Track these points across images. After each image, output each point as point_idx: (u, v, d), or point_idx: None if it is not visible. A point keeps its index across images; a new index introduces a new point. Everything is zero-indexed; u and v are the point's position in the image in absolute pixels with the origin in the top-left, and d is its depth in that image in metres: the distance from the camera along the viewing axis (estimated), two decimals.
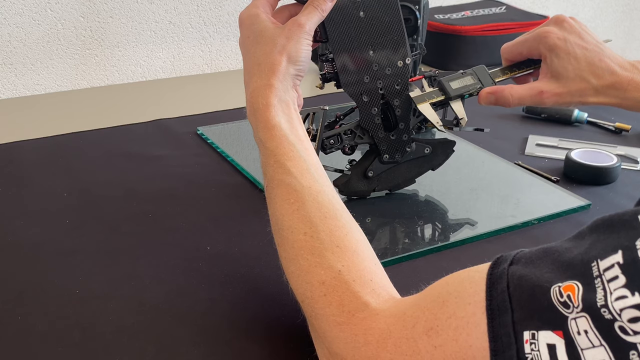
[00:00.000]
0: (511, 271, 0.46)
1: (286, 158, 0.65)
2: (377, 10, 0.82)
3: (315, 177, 0.65)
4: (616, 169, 0.97)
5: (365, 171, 0.86)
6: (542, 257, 0.46)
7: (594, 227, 0.46)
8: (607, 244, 0.43)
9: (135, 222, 0.85)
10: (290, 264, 0.60)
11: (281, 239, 0.62)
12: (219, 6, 1.45)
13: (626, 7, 2.13)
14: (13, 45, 1.28)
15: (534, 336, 0.43)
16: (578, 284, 0.42)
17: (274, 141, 0.67)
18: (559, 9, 1.98)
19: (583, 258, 0.43)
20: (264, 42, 0.71)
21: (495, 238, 0.84)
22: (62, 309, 0.69)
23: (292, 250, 0.60)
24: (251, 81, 0.70)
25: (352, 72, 0.82)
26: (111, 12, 1.35)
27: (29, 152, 1.05)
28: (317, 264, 0.57)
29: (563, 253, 0.45)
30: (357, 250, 0.59)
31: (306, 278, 0.58)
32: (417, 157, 0.89)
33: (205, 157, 1.04)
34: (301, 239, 0.60)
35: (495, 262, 0.49)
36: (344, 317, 0.53)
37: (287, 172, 0.64)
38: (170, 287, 0.73)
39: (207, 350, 0.64)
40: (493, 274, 0.47)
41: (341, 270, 0.56)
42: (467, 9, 1.58)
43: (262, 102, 0.68)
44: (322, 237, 0.59)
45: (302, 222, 0.61)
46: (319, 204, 0.62)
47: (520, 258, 0.47)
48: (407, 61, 0.85)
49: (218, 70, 1.50)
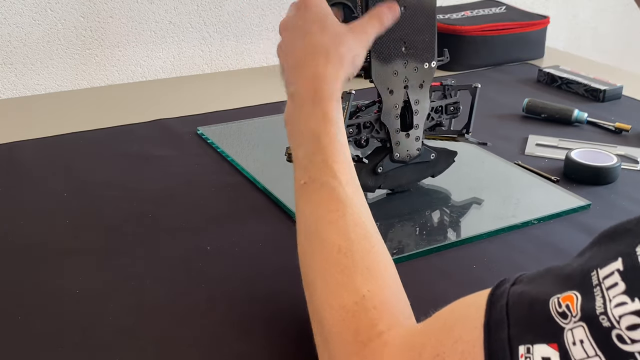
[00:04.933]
0: (512, 290, 0.46)
1: (334, 160, 0.62)
2: (416, 8, 0.83)
3: (357, 190, 0.63)
4: (616, 169, 0.97)
5: (375, 167, 0.86)
6: (543, 275, 0.46)
7: (595, 241, 0.45)
8: (607, 253, 0.42)
9: (135, 222, 0.85)
10: (316, 278, 0.58)
11: (310, 247, 0.59)
12: (219, 6, 1.45)
13: (626, 7, 2.12)
14: (13, 45, 1.28)
15: (528, 350, 0.42)
16: (577, 294, 0.41)
17: (327, 137, 0.63)
18: (559, 9, 1.97)
19: (583, 269, 0.43)
20: (331, 33, 0.69)
21: (495, 238, 0.84)
22: (62, 309, 0.69)
23: (321, 263, 0.58)
24: (317, 65, 0.67)
25: (384, 65, 0.83)
26: (111, 12, 1.35)
27: (29, 152, 1.05)
28: (343, 285, 0.55)
29: (564, 268, 0.45)
30: (385, 275, 0.57)
31: (328, 298, 0.56)
32: (422, 161, 0.90)
33: (205, 157, 1.04)
34: (334, 255, 0.57)
35: (497, 284, 0.48)
36: (356, 347, 0.52)
37: (334, 176, 0.61)
38: (170, 287, 0.73)
39: (207, 350, 0.64)
40: (494, 294, 0.47)
41: (365, 295, 0.54)
42: (467, 9, 1.58)
43: (328, 92, 0.65)
44: (355, 257, 0.57)
45: (339, 236, 0.58)
46: (358, 220, 0.60)
47: (523, 279, 0.47)
48: (433, 64, 0.86)
49: (218, 70, 1.50)
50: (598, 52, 2.10)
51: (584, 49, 2.08)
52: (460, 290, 0.74)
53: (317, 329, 0.57)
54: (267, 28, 1.52)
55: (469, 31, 1.45)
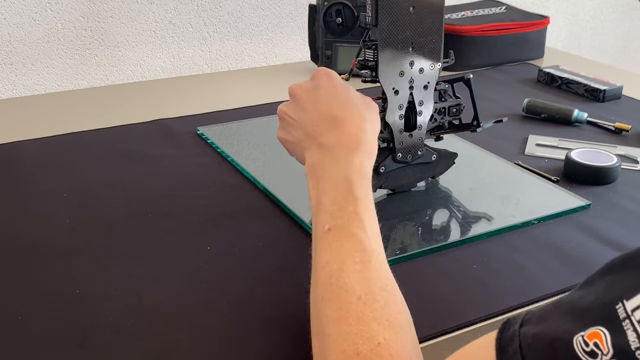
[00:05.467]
0: (522, 332, 0.44)
1: (366, 214, 0.64)
2: (425, 9, 0.83)
3: (380, 243, 0.63)
4: (616, 169, 0.97)
5: (377, 166, 0.87)
6: (553, 312, 0.44)
7: (606, 269, 0.44)
8: (630, 284, 0.40)
9: (135, 222, 0.85)
10: (330, 326, 0.56)
11: (330, 294, 0.58)
12: (219, 6, 1.45)
13: (626, 7, 2.12)
14: (13, 45, 1.28)
15: None
16: (603, 330, 0.40)
17: (362, 190, 0.65)
18: (559, 9, 1.98)
19: (603, 301, 0.41)
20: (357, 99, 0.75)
21: (495, 238, 0.84)
22: (62, 309, 0.69)
23: (339, 311, 0.56)
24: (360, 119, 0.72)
25: (392, 64, 0.83)
26: (111, 12, 1.35)
27: (29, 152, 1.05)
28: (359, 332, 0.54)
29: (576, 302, 0.43)
30: (403, 328, 0.56)
31: (342, 345, 0.54)
32: (423, 163, 0.90)
33: (205, 157, 1.04)
34: (354, 302, 0.56)
35: (503, 326, 0.46)
36: None
37: (363, 228, 0.62)
38: (170, 287, 0.73)
39: (207, 350, 0.64)
40: (503, 338, 0.45)
41: (381, 342, 0.53)
42: (467, 9, 1.58)
43: (368, 148, 0.69)
44: (375, 306, 0.56)
45: (361, 286, 0.57)
46: (382, 273, 0.59)
47: (531, 318, 0.45)
48: (439, 65, 0.86)
49: (218, 70, 1.50)
50: (598, 52, 2.11)
51: (584, 49, 2.08)
52: (460, 290, 0.74)
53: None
54: (267, 28, 1.52)
55: (469, 31, 1.46)
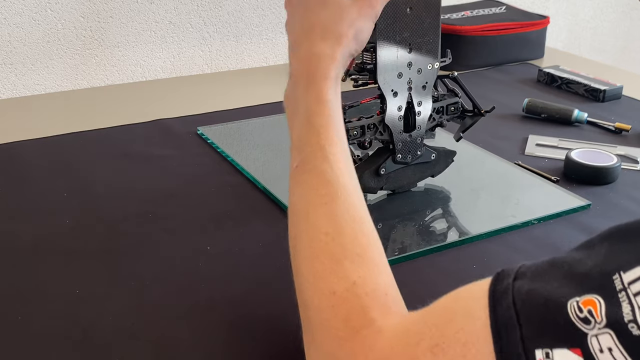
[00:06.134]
0: (516, 286, 0.44)
1: (328, 142, 0.60)
2: (422, 9, 0.84)
3: (350, 173, 0.60)
4: (616, 169, 0.97)
5: (377, 168, 0.87)
6: (549, 271, 0.44)
7: (607, 236, 0.43)
8: (629, 256, 0.40)
9: (135, 222, 0.85)
10: (303, 264, 0.56)
11: (299, 232, 0.57)
12: (219, 6, 1.45)
13: (626, 7, 2.12)
14: (13, 45, 1.28)
15: (548, 355, 0.40)
16: (599, 298, 0.40)
17: (322, 118, 0.61)
18: (559, 9, 1.97)
19: (602, 270, 0.41)
20: (332, 8, 0.67)
21: (495, 238, 0.84)
22: (62, 309, 0.69)
23: (309, 249, 0.55)
24: (312, 43, 0.65)
25: (390, 66, 0.83)
26: (111, 12, 1.35)
27: (29, 152, 1.05)
28: (332, 271, 0.53)
29: (574, 265, 0.43)
30: (376, 261, 0.55)
31: (317, 284, 0.53)
32: (423, 162, 0.90)
33: (205, 157, 1.04)
34: (322, 239, 0.55)
35: (496, 277, 0.46)
36: (346, 333, 0.50)
37: (326, 159, 0.59)
38: (170, 287, 0.73)
39: (207, 350, 0.64)
40: (496, 290, 0.45)
41: (356, 281, 0.52)
42: (467, 9, 1.58)
43: (322, 72, 0.63)
44: (344, 242, 0.55)
45: (327, 220, 0.56)
46: (349, 205, 0.57)
47: (525, 272, 0.45)
48: (436, 65, 0.86)
49: (218, 70, 1.50)
50: (598, 52, 2.11)
51: (584, 49, 2.08)
52: None
53: (304, 315, 0.55)
54: (267, 28, 1.52)
55: (469, 31, 1.45)
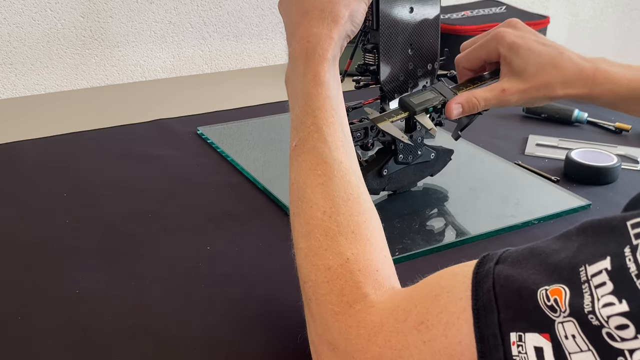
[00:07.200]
0: (497, 270, 0.46)
1: (325, 123, 0.62)
2: (423, 9, 0.83)
3: (347, 152, 0.62)
4: (616, 169, 0.97)
5: (380, 169, 0.87)
6: (528, 258, 0.46)
7: (582, 228, 0.45)
8: (596, 249, 0.42)
9: (135, 222, 0.85)
10: (301, 240, 0.58)
11: (298, 210, 0.60)
12: (219, 6, 1.45)
13: (626, 7, 2.13)
14: (13, 45, 1.28)
15: (520, 338, 0.43)
16: (565, 288, 0.42)
17: (318, 100, 0.63)
18: (559, 9, 1.97)
19: (571, 262, 0.43)
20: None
21: (495, 238, 0.84)
22: (62, 309, 0.69)
23: (307, 226, 0.58)
24: (310, 24, 0.66)
25: (393, 67, 0.83)
26: (111, 12, 1.35)
27: (29, 152, 1.05)
28: (327, 247, 0.56)
29: (550, 255, 0.45)
30: (371, 238, 0.57)
31: (314, 260, 0.56)
32: (423, 162, 0.90)
33: (205, 157, 1.04)
34: (319, 217, 0.57)
35: (481, 260, 0.49)
36: (341, 307, 0.53)
37: (323, 140, 0.61)
38: (170, 287, 0.73)
39: (207, 351, 0.64)
40: (479, 273, 0.47)
41: (349, 258, 0.55)
42: (467, 9, 1.58)
43: (320, 52, 0.64)
44: (340, 219, 0.57)
45: (324, 199, 0.58)
46: (346, 183, 0.59)
47: (507, 257, 0.47)
48: (436, 65, 0.86)
49: (218, 70, 1.50)
50: (598, 52, 2.11)
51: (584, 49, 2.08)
52: None
53: (303, 290, 0.57)
54: (267, 28, 1.52)
55: (469, 31, 1.45)
